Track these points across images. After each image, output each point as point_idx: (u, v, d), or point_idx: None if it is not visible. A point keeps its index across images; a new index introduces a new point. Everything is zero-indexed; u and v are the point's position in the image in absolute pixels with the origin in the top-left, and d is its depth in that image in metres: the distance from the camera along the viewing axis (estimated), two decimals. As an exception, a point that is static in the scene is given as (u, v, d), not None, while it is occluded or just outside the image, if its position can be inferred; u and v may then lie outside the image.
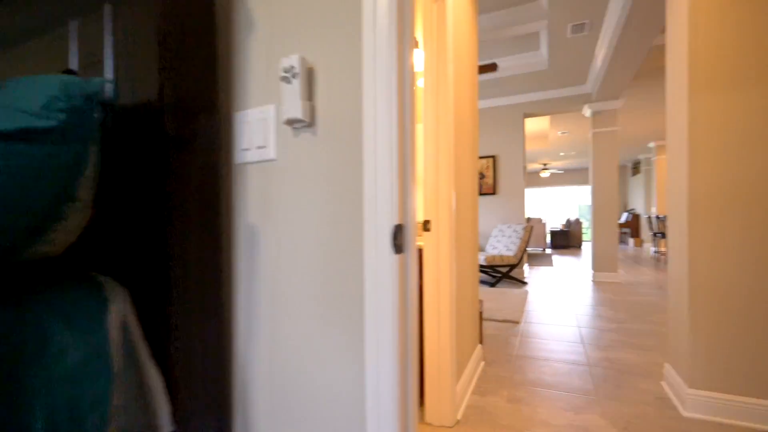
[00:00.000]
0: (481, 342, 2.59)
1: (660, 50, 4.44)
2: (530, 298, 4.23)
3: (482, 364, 2.31)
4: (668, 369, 1.89)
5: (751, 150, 1.57)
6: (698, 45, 1.65)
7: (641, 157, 10.78)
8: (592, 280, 5.15)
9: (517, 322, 3.23)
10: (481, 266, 5.23)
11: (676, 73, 1.80)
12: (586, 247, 10.76)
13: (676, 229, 1.81)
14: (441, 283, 1.64)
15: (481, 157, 5.74)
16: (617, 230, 5.08)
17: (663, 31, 4.27)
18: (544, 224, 9.75)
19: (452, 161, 1.67)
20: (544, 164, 12.15)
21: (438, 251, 1.64)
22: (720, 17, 1.61)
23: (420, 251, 1.81)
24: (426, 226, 1.66)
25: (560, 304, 3.89)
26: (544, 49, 4.47)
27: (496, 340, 2.74)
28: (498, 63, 4.97)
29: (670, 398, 1.81)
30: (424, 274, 1.68)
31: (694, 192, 1.65)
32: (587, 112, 5.29)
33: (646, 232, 10.17)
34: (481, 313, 2.61)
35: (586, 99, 5.24)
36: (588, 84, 5.12)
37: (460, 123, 1.88)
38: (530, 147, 9.10)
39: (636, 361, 2.29)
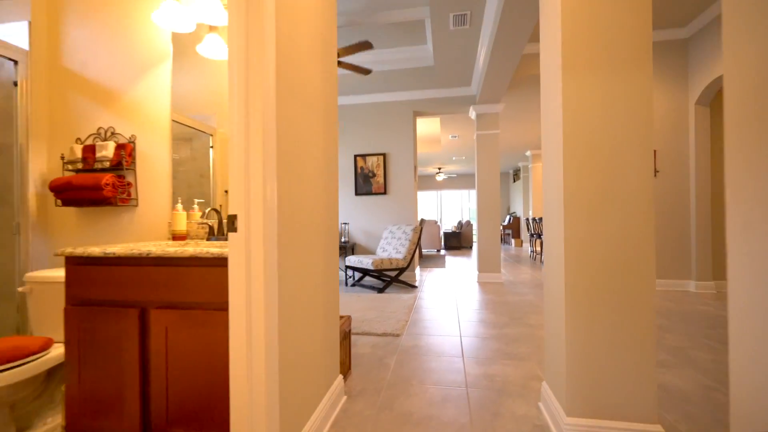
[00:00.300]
0: (349, 369, 2.11)
1: (531, 59, 4.65)
2: (418, 303, 3.96)
3: (344, 400, 1.82)
4: (545, 389, 1.64)
5: (619, 134, 1.37)
6: (570, 26, 1.42)
7: (520, 164, 11.86)
8: (477, 281, 5.18)
9: (398, 335, 2.86)
10: (370, 271, 4.85)
11: (550, 55, 1.56)
12: (476, 248, 11.39)
13: (552, 228, 1.56)
14: (253, 309, 1.09)
15: (371, 155, 5.40)
16: (499, 232, 5.19)
17: (536, 39, 4.47)
18: (438, 226, 9.98)
19: (272, 138, 1.14)
20: (439, 168, 12.60)
21: (248, 261, 1.09)
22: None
23: (225, 261, 1.24)
24: (232, 224, 1.10)
25: (445, 309, 3.68)
26: (430, 43, 4.30)
27: (369, 362, 2.30)
28: (386, 55, 4.68)
29: (548, 427, 1.55)
30: (229, 299, 1.11)
31: (569, 181, 1.41)
32: (472, 114, 5.34)
33: (525, 233, 11.17)
34: (349, 332, 2.14)
35: (471, 101, 5.28)
36: (472, 86, 5.16)
37: (298, 97, 1.37)
38: (425, 150, 9.21)
39: (513, 376, 2.05)
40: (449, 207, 15.71)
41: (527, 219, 8.67)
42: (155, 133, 1.89)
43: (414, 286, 4.91)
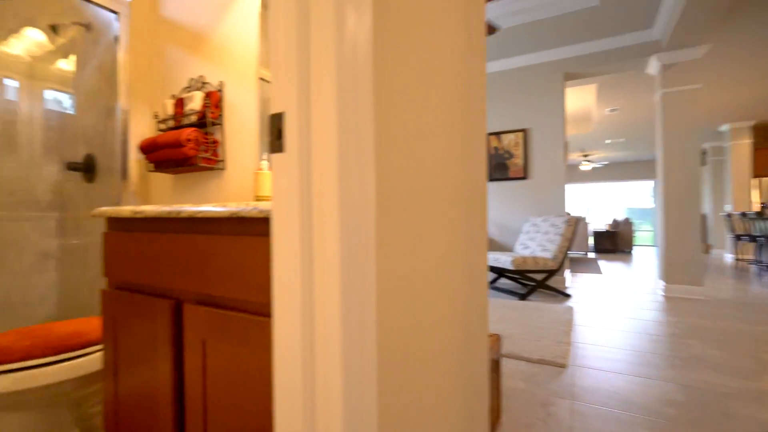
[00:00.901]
0: (498, 417, 1.37)
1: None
2: (578, 319, 2.92)
3: (493, 478, 1.10)
4: None
5: None
6: None
7: (707, 145, 8.98)
8: (664, 295, 3.74)
9: (562, 366, 1.97)
10: (508, 272, 3.95)
11: None
12: (639, 253, 9.06)
13: None
14: (317, 312, 0.47)
15: (507, 132, 4.47)
16: (699, 229, 3.65)
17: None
18: (586, 224, 8.23)
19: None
20: (585, 155, 10.54)
21: (309, 213, 0.47)
22: None
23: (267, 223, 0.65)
24: (276, 136, 0.50)
25: (625, 332, 2.57)
26: (596, -30, 3.19)
27: (526, 406, 1.51)
28: (528, 1, 3.70)
29: None
30: (273, 292, 0.52)
31: None
32: (654, 67, 3.91)
33: (715, 235, 8.38)
34: (498, 361, 1.40)
35: (651, 49, 3.86)
36: (655, 27, 3.75)
37: None
38: (569, 131, 7.64)
39: None
40: (597, 203, 13.16)
41: (728, 215, 6.34)
42: (242, 78, 1.49)
43: (567, 295, 3.80)
